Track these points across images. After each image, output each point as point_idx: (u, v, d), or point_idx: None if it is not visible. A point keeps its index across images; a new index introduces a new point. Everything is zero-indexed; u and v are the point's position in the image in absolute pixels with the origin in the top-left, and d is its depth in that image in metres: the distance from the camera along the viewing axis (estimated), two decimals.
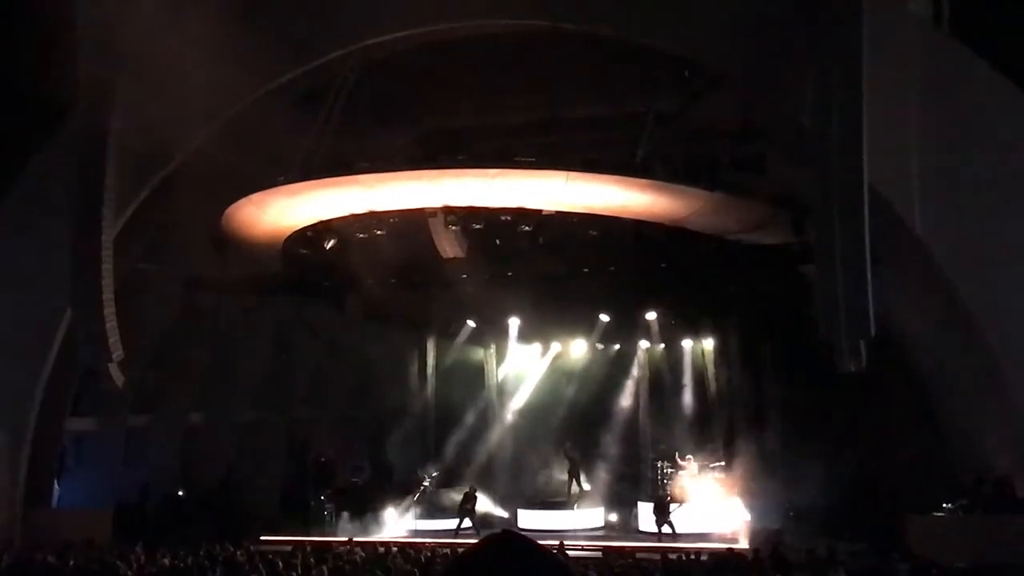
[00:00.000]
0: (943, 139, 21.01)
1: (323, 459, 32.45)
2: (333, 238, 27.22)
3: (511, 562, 2.23)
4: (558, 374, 34.16)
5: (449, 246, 28.07)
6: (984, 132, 21.26)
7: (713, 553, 23.07)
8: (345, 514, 30.11)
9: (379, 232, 26.33)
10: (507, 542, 2.30)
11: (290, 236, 27.89)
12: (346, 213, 26.21)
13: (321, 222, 26.99)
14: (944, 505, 23.32)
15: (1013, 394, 21.60)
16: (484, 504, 30.38)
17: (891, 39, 21.13)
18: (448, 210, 25.77)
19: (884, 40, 20.52)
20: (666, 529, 26.90)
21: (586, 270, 28.86)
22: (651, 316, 32.23)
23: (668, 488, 29.96)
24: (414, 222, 26.60)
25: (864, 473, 26.38)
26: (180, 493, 30.91)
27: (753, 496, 27.30)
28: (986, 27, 22.39)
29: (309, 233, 27.54)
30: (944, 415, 24.98)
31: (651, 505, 28.53)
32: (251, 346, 30.98)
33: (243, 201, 25.60)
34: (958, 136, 21.16)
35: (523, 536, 2.33)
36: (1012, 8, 22.85)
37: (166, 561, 19.51)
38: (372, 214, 26.05)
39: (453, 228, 26.72)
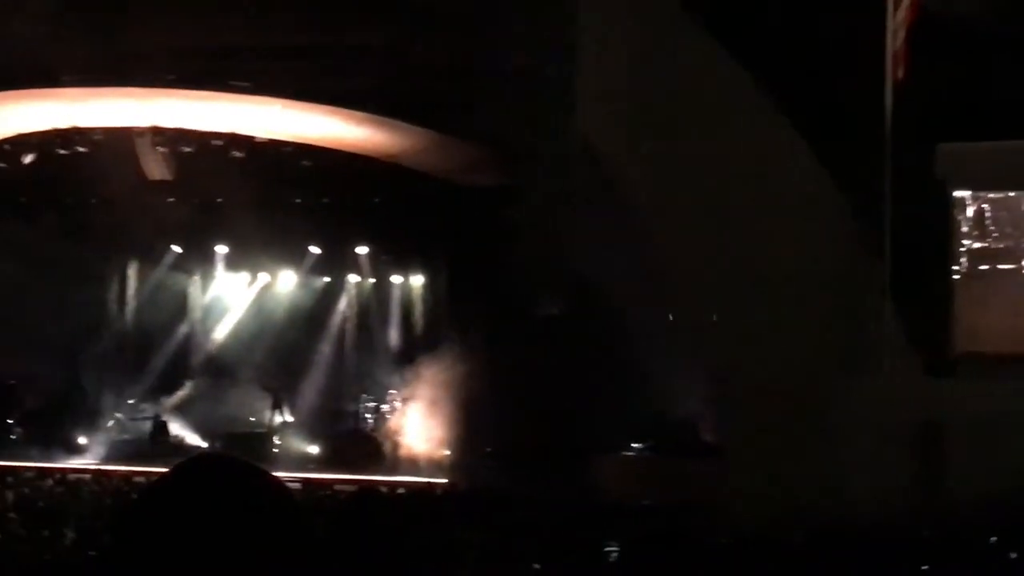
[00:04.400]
0: (649, 88, 21.60)
1: (11, 381, 31.12)
2: (32, 152, 26.01)
3: (216, 481, 2.01)
4: (265, 305, 33.71)
5: (156, 168, 27.20)
6: (689, 84, 21.93)
7: (410, 486, 23.43)
8: (33, 439, 29.05)
9: (82, 149, 25.31)
10: (210, 461, 2.12)
11: None
12: (47, 127, 25.05)
13: (20, 135, 25.72)
14: (633, 445, 24.36)
15: (703, 344, 22.64)
16: (183, 434, 29.93)
17: None
18: (156, 131, 25.00)
19: None
20: (368, 461, 27.14)
21: (298, 201, 28.54)
22: (362, 251, 32.14)
23: (370, 421, 30.23)
24: (120, 141, 25.66)
25: (559, 412, 27.19)
26: None
27: (452, 431, 27.79)
28: None
29: (6, 146, 26.22)
30: (637, 359, 26.03)
31: (354, 437, 28.80)
32: None
33: None
34: (664, 87, 21.78)
35: (228, 455, 2.13)
36: None
37: None
38: (75, 129, 25.00)
39: (161, 150, 25.93)
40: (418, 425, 28.56)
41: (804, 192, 21.31)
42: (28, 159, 26.07)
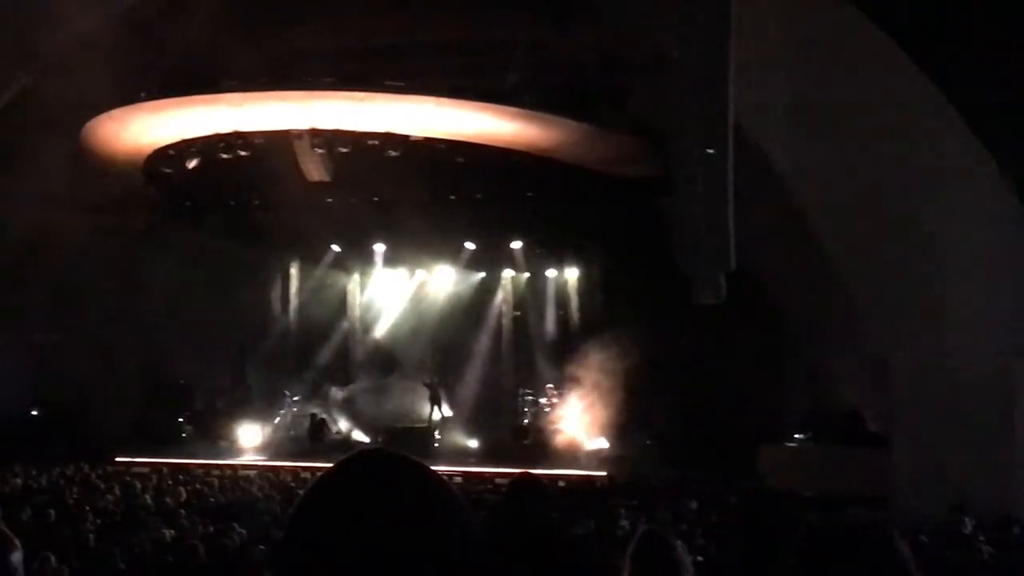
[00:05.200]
0: (807, 78, 21.26)
1: (181, 380, 32.09)
2: (196, 157, 26.74)
3: (380, 477, 2.04)
4: (422, 300, 34.16)
5: (314, 169, 27.70)
6: (847, 73, 21.55)
7: (570, 479, 23.48)
8: (203, 437, 29.94)
9: (243, 152, 25.93)
10: (374, 457, 2.14)
11: (152, 154, 27.30)
12: (210, 132, 25.73)
13: (184, 140, 26.47)
14: (795, 436, 24.02)
15: (865, 333, 22.20)
16: (345, 429, 30.52)
17: None
18: (314, 132, 25.47)
19: None
20: (527, 454, 27.28)
21: (452, 197, 28.80)
22: (516, 245, 32.34)
23: (528, 415, 30.39)
24: (279, 143, 26.22)
25: (719, 403, 26.96)
26: (33, 412, 30.28)
27: (611, 424, 27.78)
28: None
29: (171, 151, 27.00)
30: (797, 349, 25.67)
31: (512, 431, 29.00)
32: (107, 265, 30.26)
33: (103, 117, 24.95)
34: (822, 77, 21.42)
35: (392, 452, 2.14)
36: None
37: (18, 481, 19.14)
38: (237, 134, 25.63)
39: (319, 151, 26.42)
40: (576, 417, 28.60)
41: (969, 177, 20.74)
42: (192, 163, 26.81)
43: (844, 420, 23.60)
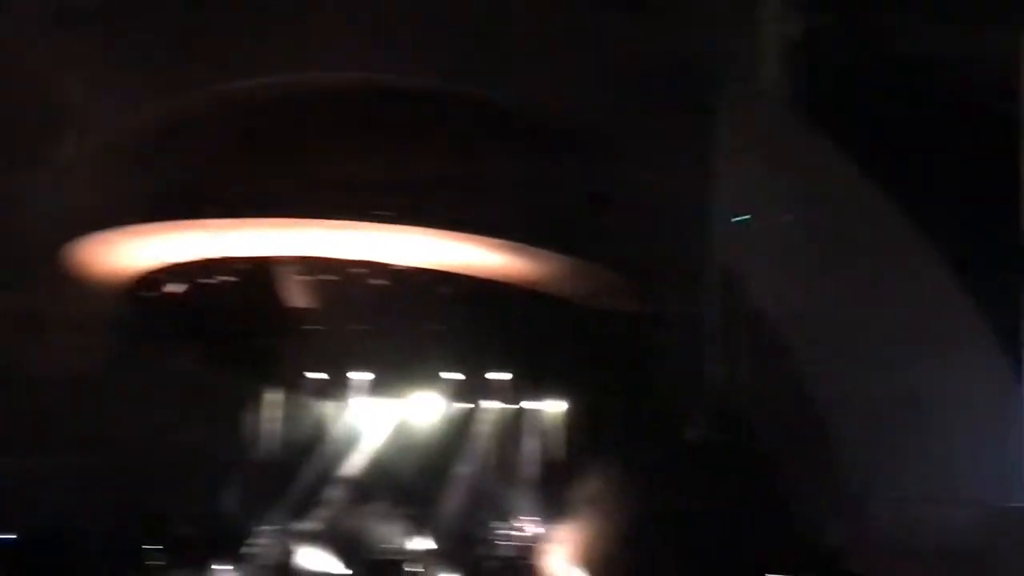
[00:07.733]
0: (790, 212, 21.39)
1: (159, 511, 31.56)
2: (181, 282, 26.69)
3: None
4: (404, 430, 33.83)
5: (299, 296, 27.66)
6: (829, 206, 21.69)
7: None
8: (179, 566, 29.41)
9: (228, 278, 25.89)
10: None
11: (136, 277, 27.26)
12: (193, 257, 25.73)
13: (169, 265, 26.45)
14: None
15: (849, 475, 22.01)
16: (322, 561, 30.00)
17: (740, 113, 21.53)
18: (300, 260, 25.48)
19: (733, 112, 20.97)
20: None
21: (436, 327, 28.71)
22: (501, 376, 32.15)
23: (509, 547, 29.93)
24: (263, 270, 26.20)
25: (705, 540, 26.58)
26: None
27: (592, 559, 27.33)
28: (837, 107, 22.91)
29: (156, 276, 26.97)
30: (783, 486, 25.35)
31: (492, 565, 28.52)
32: (80, 387, 29.86)
33: (87, 239, 24.96)
34: (805, 210, 21.55)
35: None
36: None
37: None
38: (222, 259, 25.63)
39: (304, 278, 26.38)
40: (556, 554, 28.15)
41: (948, 303, 20.80)
42: (177, 289, 26.75)
43: (828, 561, 23.26)
